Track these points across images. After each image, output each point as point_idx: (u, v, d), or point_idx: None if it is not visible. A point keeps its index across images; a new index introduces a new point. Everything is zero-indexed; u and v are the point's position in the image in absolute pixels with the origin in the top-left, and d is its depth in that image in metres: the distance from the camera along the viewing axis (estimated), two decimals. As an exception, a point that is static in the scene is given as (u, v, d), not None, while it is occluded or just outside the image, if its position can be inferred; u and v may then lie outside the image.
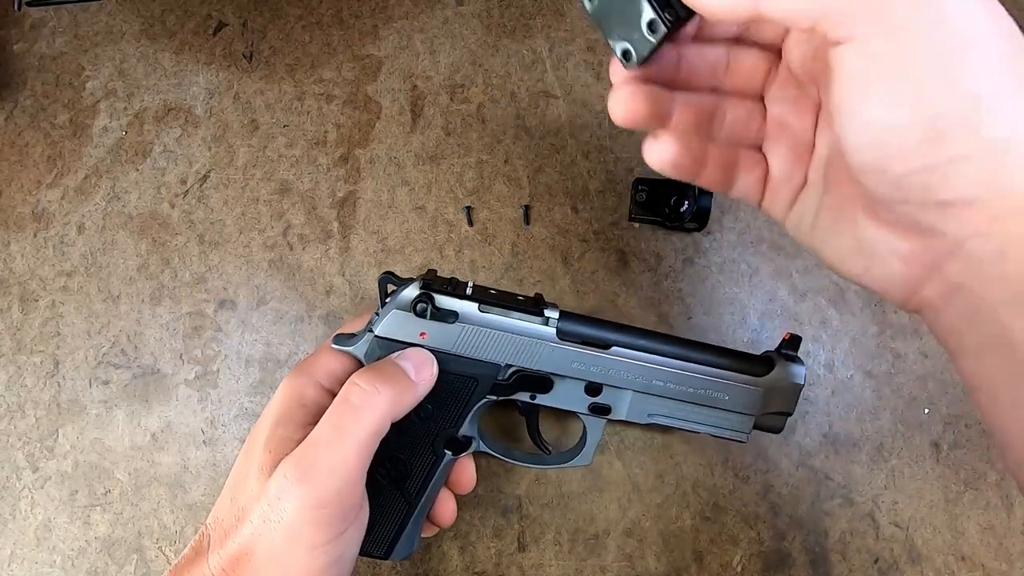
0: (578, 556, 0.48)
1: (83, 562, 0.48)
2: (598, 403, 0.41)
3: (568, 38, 0.54)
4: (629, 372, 0.41)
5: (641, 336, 0.41)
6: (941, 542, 0.48)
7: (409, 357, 0.38)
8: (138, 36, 0.56)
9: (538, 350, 0.40)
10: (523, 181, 0.52)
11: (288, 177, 0.53)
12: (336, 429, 0.34)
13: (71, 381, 0.50)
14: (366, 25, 0.55)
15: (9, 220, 0.53)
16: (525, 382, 0.40)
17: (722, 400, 0.41)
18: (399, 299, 0.39)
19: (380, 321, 0.39)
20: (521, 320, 0.40)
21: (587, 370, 0.40)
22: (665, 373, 0.41)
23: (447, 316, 0.39)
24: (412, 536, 0.40)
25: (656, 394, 0.41)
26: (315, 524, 0.32)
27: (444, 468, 0.40)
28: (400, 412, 0.36)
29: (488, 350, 0.39)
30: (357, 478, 0.33)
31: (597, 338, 0.40)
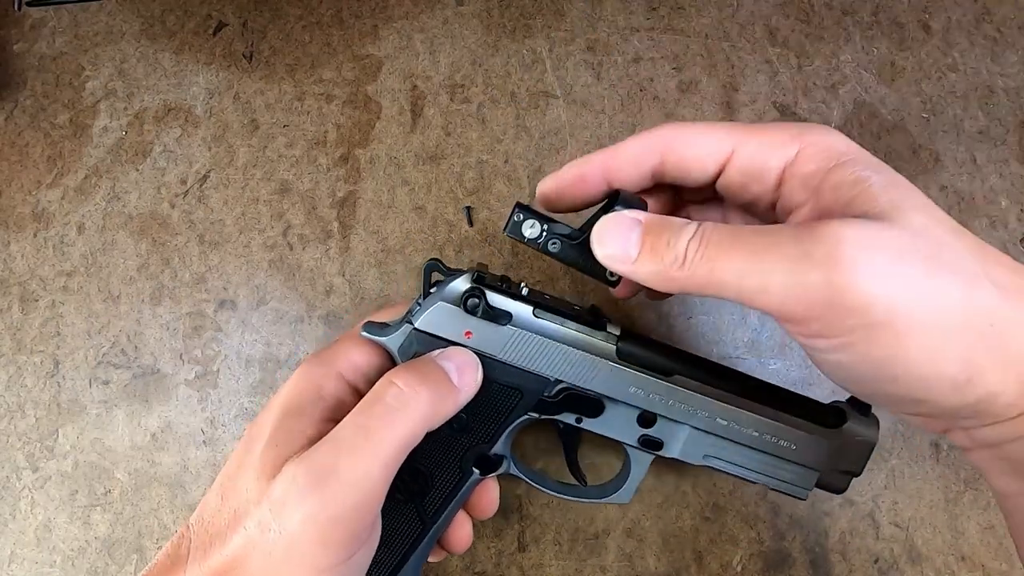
0: (578, 556, 0.48)
1: (83, 562, 0.48)
2: (650, 436, 0.37)
3: (568, 38, 0.54)
4: (691, 405, 0.36)
5: (707, 368, 0.37)
6: (941, 542, 0.48)
7: (452, 357, 0.33)
8: (138, 36, 0.56)
9: (594, 368, 0.35)
10: (523, 181, 0.52)
11: (288, 177, 0.53)
12: (363, 432, 0.29)
13: (71, 381, 0.50)
14: (366, 25, 0.55)
15: (9, 220, 0.53)
16: (573, 402, 0.36)
17: (787, 450, 0.37)
18: (447, 290, 0.34)
19: (422, 312, 0.34)
20: (579, 332, 0.35)
21: (645, 397, 0.36)
22: (730, 412, 0.36)
23: (499, 317, 0.34)
24: (419, 563, 0.36)
25: (717, 434, 0.36)
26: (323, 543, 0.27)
27: (468, 489, 0.36)
28: (437, 421, 0.31)
29: (539, 361, 0.35)
30: (378, 494, 0.29)
31: (660, 363, 0.36)
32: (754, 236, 0.27)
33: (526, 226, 0.33)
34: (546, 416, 0.37)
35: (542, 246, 0.33)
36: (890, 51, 0.54)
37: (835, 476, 0.38)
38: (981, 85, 0.54)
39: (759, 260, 0.26)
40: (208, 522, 0.29)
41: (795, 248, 0.25)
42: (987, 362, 0.25)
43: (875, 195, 0.27)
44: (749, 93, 0.53)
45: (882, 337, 0.25)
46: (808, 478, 0.38)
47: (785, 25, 0.55)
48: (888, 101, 0.53)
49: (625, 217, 0.30)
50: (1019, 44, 0.54)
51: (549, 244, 0.33)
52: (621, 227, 0.29)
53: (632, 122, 0.53)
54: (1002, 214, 0.51)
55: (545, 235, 0.33)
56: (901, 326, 0.24)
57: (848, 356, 0.26)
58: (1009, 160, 0.52)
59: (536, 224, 0.33)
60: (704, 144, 0.31)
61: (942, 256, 0.26)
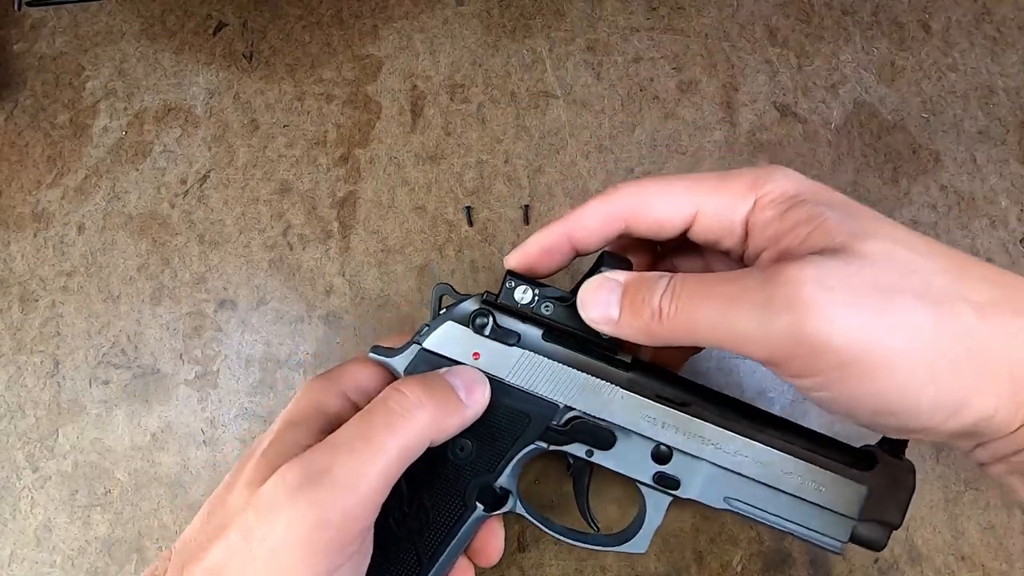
0: (578, 556, 0.48)
1: (83, 562, 0.48)
2: (665, 473, 0.35)
3: (568, 38, 0.54)
4: (708, 437, 0.34)
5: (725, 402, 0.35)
6: (941, 542, 0.48)
7: (460, 374, 0.32)
8: (138, 36, 0.56)
9: (604, 394, 0.34)
10: (523, 181, 0.52)
11: (288, 177, 0.53)
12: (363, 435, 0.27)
13: (71, 381, 0.50)
14: (366, 25, 0.55)
15: (9, 220, 0.53)
16: (583, 432, 0.35)
17: (817, 493, 0.34)
18: (457, 310, 0.34)
19: (431, 332, 0.34)
20: (590, 357, 0.34)
21: (659, 429, 0.34)
22: (751, 447, 0.34)
23: (507, 336, 0.34)
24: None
25: (739, 472, 0.34)
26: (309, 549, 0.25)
27: (471, 525, 0.34)
28: (441, 435, 0.30)
29: (547, 385, 0.34)
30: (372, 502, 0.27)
31: (675, 393, 0.35)
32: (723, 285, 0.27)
33: (518, 292, 0.34)
34: (554, 447, 0.35)
35: (535, 310, 0.34)
36: (890, 51, 0.54)
37: (872, 528, 0.35)
38: (981, 85, 0.54)
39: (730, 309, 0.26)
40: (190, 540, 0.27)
41: (760, 294, 0.26)
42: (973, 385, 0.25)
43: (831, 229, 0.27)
44: (749, 93, 0.53)
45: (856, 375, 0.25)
46: (841, 528, 0.35)
47: (785, 25, 0.55)
48: (888, 101, 0.53)
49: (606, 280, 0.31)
50: (1019, 44, 0.54)
51: (542, 307, 0.34)
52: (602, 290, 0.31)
53: (632, 122, 0.53)
54: (1002, 214, 0.51)
55: (537, 299, 0.34)
56: (869, 364, 0.25)
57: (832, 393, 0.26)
58: (1009, 160, 0.52)
59: (528, 290, 0.34)
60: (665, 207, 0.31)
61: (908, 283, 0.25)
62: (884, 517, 0.34)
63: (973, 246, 0.51)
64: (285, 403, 0.49)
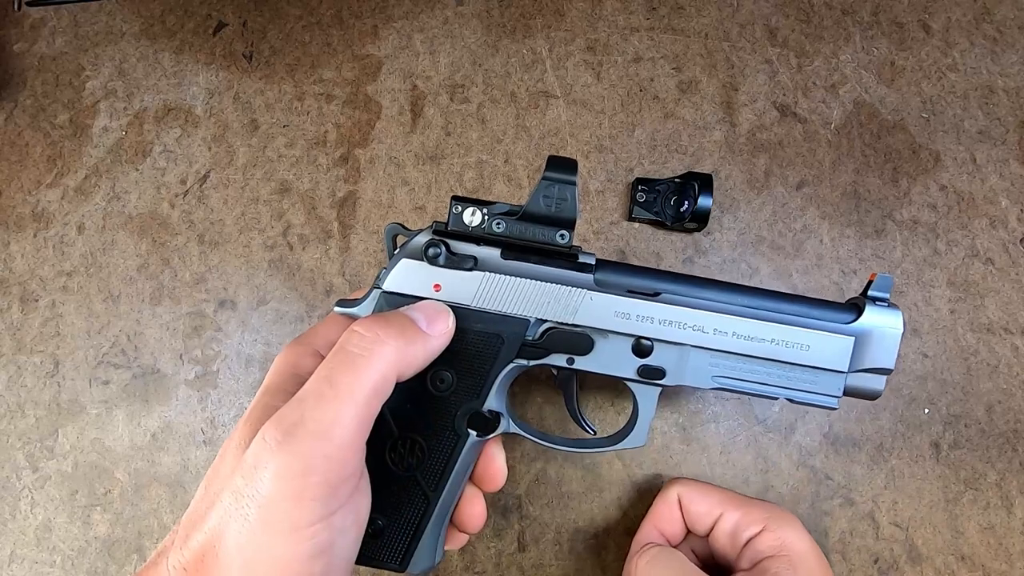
0: (578, 556, 0.48)
1: (83, 562, 0.48)
2: (649, 365, 0.34)
3: (568, 38, 0.54)
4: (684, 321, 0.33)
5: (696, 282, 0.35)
6: (941, 542, 0.48)
7: (420, 308, 0.32)
8: (138, 36, 0.56)
9: (574, 300, 0.33)
10: (523, 181, 0.52)
11: (288, 177, 0.53)
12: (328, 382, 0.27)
13: (71, 381, 0.50)
14: (366, 25, 0.55)
15: (9, 220, 0.53)
16: (560, 341, 0.34)
17: (803, 354, 0.34)
18: (409, 247, 0.34)
19: (388, 273, 0.34)
20: (552, 266, 0.34)
21: (634, 322, 0.34)
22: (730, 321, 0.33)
23: (463, 262, 0.33)
24: (433, 542, 0.34)
25: (720, 348, 0.34)
26: (296, 498, 0.25)
27: (468, 453, 0.34)
28: (408, 368, 0.30)
29: (514, 302, 0.33)
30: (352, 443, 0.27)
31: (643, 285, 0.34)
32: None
33: (466, 215, 0.33)
34: (535, 362, 0.35)
35: (487, 230, 0.33)
36: (890, 51, 0.54)
37: (865, 378, 0.34)
38: (981, 85, 0.54)
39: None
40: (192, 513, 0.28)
41: None
42: None
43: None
44: (749, 93, 0.53)
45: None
46: (834, 383, 0.34)
47: (785, 25, 0.55)
48: (888, 101, 0.53)
49: None
50: (1019, 44, 0.54)
51: (494, 225, 0.33)
52: None
53: (632, 122, 0.53)
54: (1002, 214, 0.51)
55: (487, 218, 0.33)
56: None
57: None
58: (1009, 160, 0.52)
59: (476, 211, 0.33)
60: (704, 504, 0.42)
61: None
62: (876, 364, 0.34)
63: (973, 246, 0.51)
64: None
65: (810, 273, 0.51)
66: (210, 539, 0.26)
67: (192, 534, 0.27)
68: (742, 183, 0.52)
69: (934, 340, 0.50)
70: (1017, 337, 0.50)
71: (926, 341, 0.50)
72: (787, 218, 0.52)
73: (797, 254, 0.51)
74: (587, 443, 0.37)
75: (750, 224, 0.51)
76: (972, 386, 0.49)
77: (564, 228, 0.33)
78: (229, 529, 0.26)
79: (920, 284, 0.51)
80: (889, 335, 0.34)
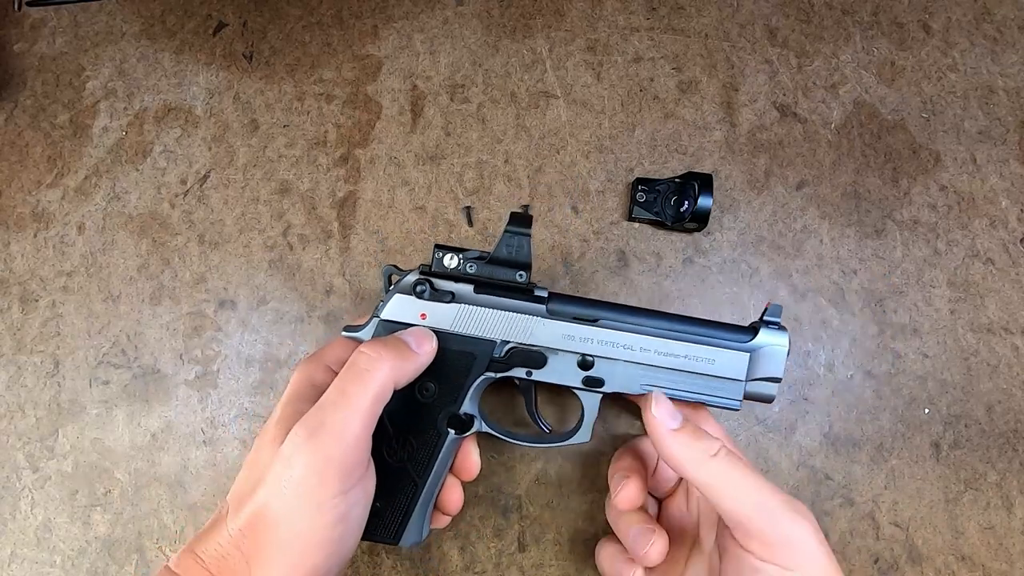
0: (578, 556, 0.48)
1: (83, 562, 0.48)
2: (591, 376, 0.43)
3: (568, 38, 0.54)
4: (617, 342, 0.42)
5: (627, 311, 0.43)
6: (941, 542, 0.48)
7: (410, 333, 0.41)
8: (138, 36, 0.56)
9: (530, 326, 0.42)
10: (523, 181, 0.52)
11: (288, 177, 0.53)
12: (342, 392, 0.36)
13: (71, 381, 0.50)
14: (366, 25, 0.55)
15: (9, 220, 0.53)
16: (520, 357, 0.42)
17: (710, 366, 0.42)
18: (401, 284, 0.42)
19: (384, 305, 0.42)
20: (513, 298, 0.42)
21: (578, 343, 0.42)
22: (653, 342, 0.42)
23: (443, 296, 0.42)
24: (420, 522, 0.42)
25: (645, 363, 0.42)
26: (321, 479, 0.34)
27: (448, 448, 0.42)
28: (402, 378, 0.38)
29: (484, 327, 0.42)
30: (361, 437, 0.36)
31: (585, 314, 0.42)
32: None
33: (446, 259, 0.43)
34: (501, 374, 0.43)
35: (462, 270, 0.42)
36: (890, 51, 0.54)
37: (760, 385, 0.43)
38: (981, 85, 0.54)
39: None
40: (239, 491, 0.37)
41: None
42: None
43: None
44: (749, 93, 0.53)
45: None
46: (735, 389, 0.42)
47: (785, 25, 0.55)
48: (888, 101, 0.53)
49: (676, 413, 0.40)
50: (1019, 44, 0.54)
51: (468, 267, 0.42)
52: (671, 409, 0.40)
53: (632, 122, 0.53)
54: (1002, 214, 0.51)
55: (462, 261, 0.43)
56: None
57: None
58: (1009, 160, 0.52)
59: (453, 256, 0.43)
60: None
61: None
62: (769, 374, 0.42)
63: (973, 246, 0.51)
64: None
65: (810, 273, 0.51)
66: (259, 509, 0.34)
67: (243, 505, 0.35)
68: (742, 183, 0.52)
69: (934, 340, 0.50)
70: (1017, 337, 0.50)
71: (926, 341, 0.50)
72: (787, 218, 0.52)
73: (797, 254, 0.51)
74: (543, 439, 0.45)
75: (750, 224, 0.51)
76: (972, 386, 0.49)
77: (522, 269, 0.43)
78: (272, 503, 0.34)
79: (920, 284, 0.51)
80: (777, 351, 0.42)
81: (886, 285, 0.51)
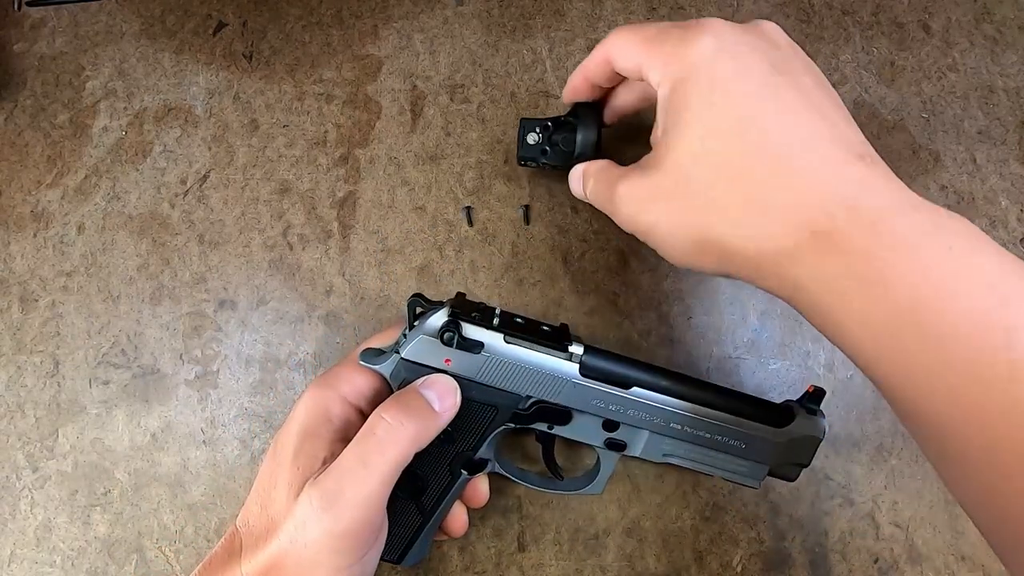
0: (578, 556, 0.48)
1: (83, 562, 0.48)
2: (614, 439, 0.42)
3: (568, 38, 0.54)
4: (647, 413, 0.41)
5: (663, 377, 0.41)
6: (941, 542, 0.48)
7: (433, 386, 0.38)
8: (138, 36, 0.56)
9: (560, 385, 0.40)
10: (523, 181, 0.52)
11: (288, 177, 0.53)
12: (361, 461, 0.35)
13: (71, 381, 0.50)
14: (366, 25, 0.55)
15: (9, 220, 0.53)
16: (544, 414, 0.41)
17: (738, 448, 0.41)
18: (427, 326, 0.39)
19: (407, 345, 0.39)
20: (545, 355, 0.40)
21: (606, 408, 0.41)
22: (683, 417, 0.41)
23: (472, 347, 0.39)
24: (424, 544, 0.42)
25: (673, 436, 0.41)
26: (338, 551, 0.34)
27: (459, 486, 0.42)
28: (423, 444, 0.37)
29: (511, 381, 0.40)
30: (379, 509, 0.35)
31: (619, 376, 0.41)
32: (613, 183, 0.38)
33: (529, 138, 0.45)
34: (522, 426, 0.41)
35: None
36: (890, 51, 0.54)
37: (785, 468, 0.42)
38: (981, 85, 0.54)
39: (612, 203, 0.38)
40: (253, 526, 0.36)
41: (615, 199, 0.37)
42: None
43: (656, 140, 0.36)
44: (749, 93, 0.53)
45: None
46: (760, 471, 0.42)
47: (785, 25, 0.54)
48: (888, 101, 0.53)
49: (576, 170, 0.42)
50: (1019, 44, 0.54)
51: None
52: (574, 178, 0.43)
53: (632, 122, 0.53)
54: (1002, 214, 0.51)
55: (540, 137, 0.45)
56: None
57: None
58: (1009, 160, 0.52)
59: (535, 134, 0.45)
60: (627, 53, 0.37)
61: None
62: (797, 460, 0.42)
63: (973, 246, 0.51)
64: (285, 403, 0.50)
65: (810, 273, 0.51)
66: (274, 561, 0.34)
67: (258, 550, 0.35)
68: (742, 183, 0.52)
69: (934, 340, 0.50)
70: (1017, 337, 0.50)
71: (926, 341, 0.50)
72: (787, 218, 0.51)
73: (797, 254, 0.51)
74: (555, 485, 0.45)
75: (750, 224, 0.51)
76: (972, 386, 0.49)
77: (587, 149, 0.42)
78: (288, 560, 0.34)
79: (920, 284, 0.51)
80: (811, 439, 0.41)
81: (886, 285, 0.51)
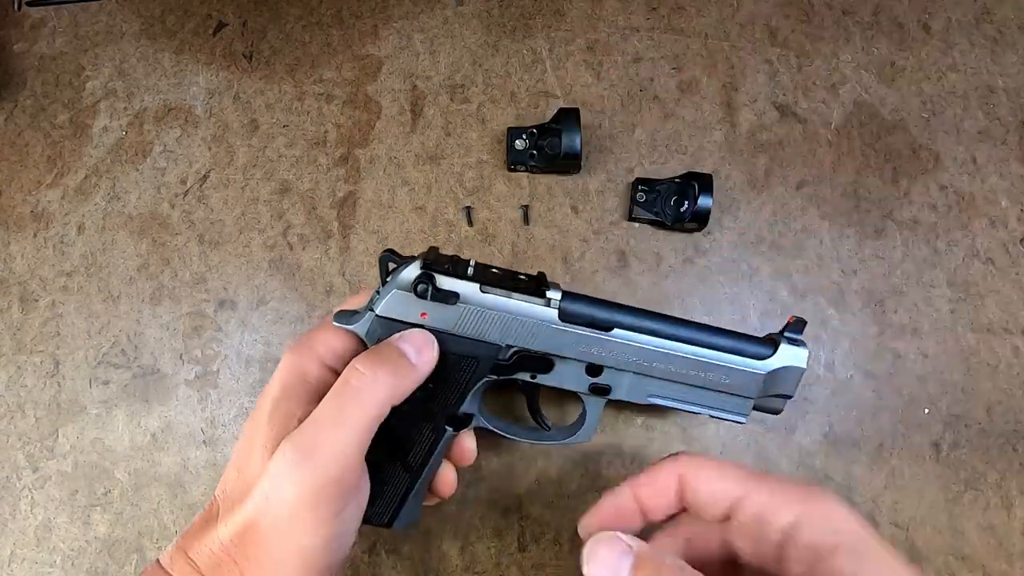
0: (578, 556, 0.48)
1: (83, 562, 0.48)
2: (598, 383, 0.41)
3: (568, 38, 0.54)
4: (630, 354, 0.40)
5: (644, 317, 0.40)
6: (941, 542, 0.48)
7: (410, 339, 0.37)
8: (138, 36, 0.56)
9: (539, 331, 0.39)
10: (523, 181, 0.52)
11: (288, 177, 0.53)
12: (337, 412, 0.34)
13: (71, 381, 0.50)
14: (366, 25, 0.55)
15: (9, 220, 0.53)
16: (526, 362, 0.40)
17: (723, 383, 0.40)
18: (399, 279, 0.38)
19: (381, 301, 0.38)
20: (523, 302, 0.39)
21: (588, 352, 0.39)
22: (666, 356, 0.40)
23: (448, 297, 0.37)
24: (414, 506, 0.41)
25: (657, 376, 0.40)
26: (314, 505, 0.32)
27: (445, 443, 0.40)
28: (401, 396, 0.35)
29: (489, 331, 0.38)
30: (356, 461, 0.34)
31: (599, 320, 0.39)
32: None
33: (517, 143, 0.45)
34: (504, 377, 0.40)
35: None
36: (890, 51, 0.54)
37: (770, 400, 0.41)
38: (981, 85, 0.54)
39: None
40: (229, 492, 0.35)
41: None
42: None
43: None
44: (749, 93, 0.53)
45: None
46: (745, 405, 0.41)
47: (785, 25, 0.55)
48: (888, 101, 0.53)
49: (618, 541, 0.30)
50: (1019, 44, 0.54)
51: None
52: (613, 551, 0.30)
53: (632, 122, 0.53)
54: (1002, 214, 0.51)
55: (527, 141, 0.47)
56: None
57: None
58: (1009, 160, 0.52)
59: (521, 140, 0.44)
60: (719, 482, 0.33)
61: None
62: (782, 392, 0.41)
63: (973, 246, 0.51)
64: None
65: (810, 273, 0.51)
66: (250, 523, 0.33)
67: (234, 512, 0.33)
68: (742, 183, 0.52)
69: (934, 340, 0.50)
70: (1017, 337, 0.50)
71: (926, 341, 0.50)
72: (787, 218, 0.52)
73: (797, 254, 0.51)
74: (543, 436, 0.43)
75: (750, 224, 0.51)
76: (972, 386, 0.49)
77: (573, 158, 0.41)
78: (264, 521, 0.32)
79: (920, 284, 0.51)
80: (794, 369, 0.41)
81: (886, 285, 0.51)
